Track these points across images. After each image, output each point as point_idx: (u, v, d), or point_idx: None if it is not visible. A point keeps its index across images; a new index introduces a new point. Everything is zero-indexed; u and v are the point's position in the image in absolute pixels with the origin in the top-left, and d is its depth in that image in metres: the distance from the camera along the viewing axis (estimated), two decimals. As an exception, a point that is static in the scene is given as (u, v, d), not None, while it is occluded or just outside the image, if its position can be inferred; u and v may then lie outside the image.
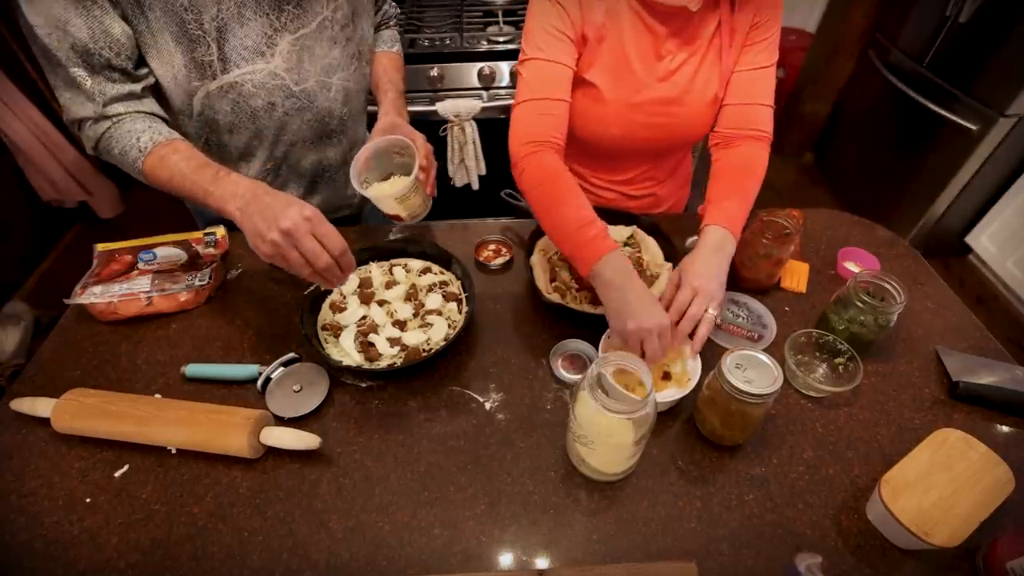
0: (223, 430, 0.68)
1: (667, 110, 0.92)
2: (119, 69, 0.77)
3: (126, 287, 0.87)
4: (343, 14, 0.90)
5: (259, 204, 0.68)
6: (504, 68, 1.85)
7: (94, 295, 0.85)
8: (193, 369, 0.79)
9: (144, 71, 0.81)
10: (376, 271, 0.92)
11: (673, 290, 0.74)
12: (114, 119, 0.78)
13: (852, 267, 0.97)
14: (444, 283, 0.90)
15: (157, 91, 0.86)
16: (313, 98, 0.92)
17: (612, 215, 1.00)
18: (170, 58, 0.79)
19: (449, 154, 1.90)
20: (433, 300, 0.86)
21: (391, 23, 1.13)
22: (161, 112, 0.83)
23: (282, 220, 0.65)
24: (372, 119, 1.07)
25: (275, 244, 0.65)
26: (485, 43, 1.84)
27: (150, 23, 0.75)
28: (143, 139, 0.77)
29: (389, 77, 1.04)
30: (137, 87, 0.80)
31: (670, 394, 0.71)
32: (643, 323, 0.68)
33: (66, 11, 0.70)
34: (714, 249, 0.77)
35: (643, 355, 0.70)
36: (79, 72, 0.74)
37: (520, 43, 0.90)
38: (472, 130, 1.86)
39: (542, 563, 0.61)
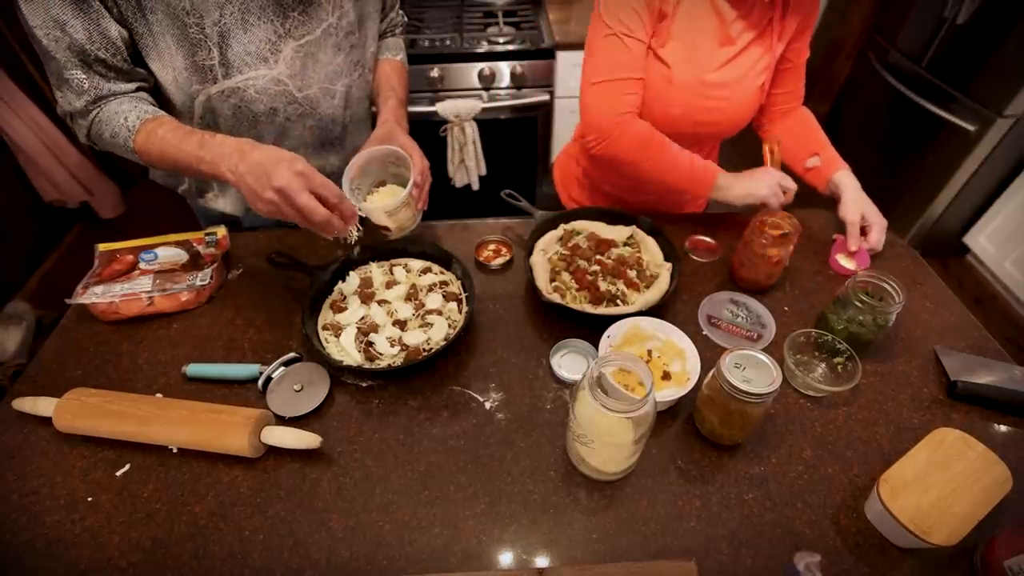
0: (224, 429, 0.68)
1: (725, 94, 0.96)
2: (114, 68, 0.78)
3: (127, 287, 0.87)
4: (348, 21, 0.90)
5: (248, 162, 0.68)
6: (504, 68, 1.86)
7: (95, 295, 0.85)
8: (194, 369, 0.79)
9: (140, 72, 0.81)
10: (376, 271, 0.92)
11: (858, 224, 0.97)
12: (101, 104, 0.79)
13: (843, 261, 0.97)
14: (444, 283, 0.90)
15: (158, 92, 0.86)
16: (316, 105, 0.92)
17: (612, 215, 1.00)
18: (171, 60, 0.79)
19: (449, 154, 1.91)
20: (433, 300, 0.86)
21: (396, 31, 1.12)
22: (149, 98, 0.83)
23: (274, 178, 0.66)
24: (374, 123, 1.07)
25: (271, 202, 0.67)
26: (485, 44, 1.85)
27: (151, 25, 0.76)
28: (130, 118, 0.78)
29: (391, 84, 1.03)
30: (131, 86, 0.80)
31: (669, 393, 0.71)
32: (767, 185, 0.94)
33: (63, 12, 0.70)
34: (860, 187, 1.01)
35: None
36: (75, 73, 0.75)
37: (593, 17, 0.94)
38: (472, 130, 1.86)
39: (542, 562, 0.62)
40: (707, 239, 1.03)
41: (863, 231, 0.98)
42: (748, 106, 1.00)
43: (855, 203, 0.98)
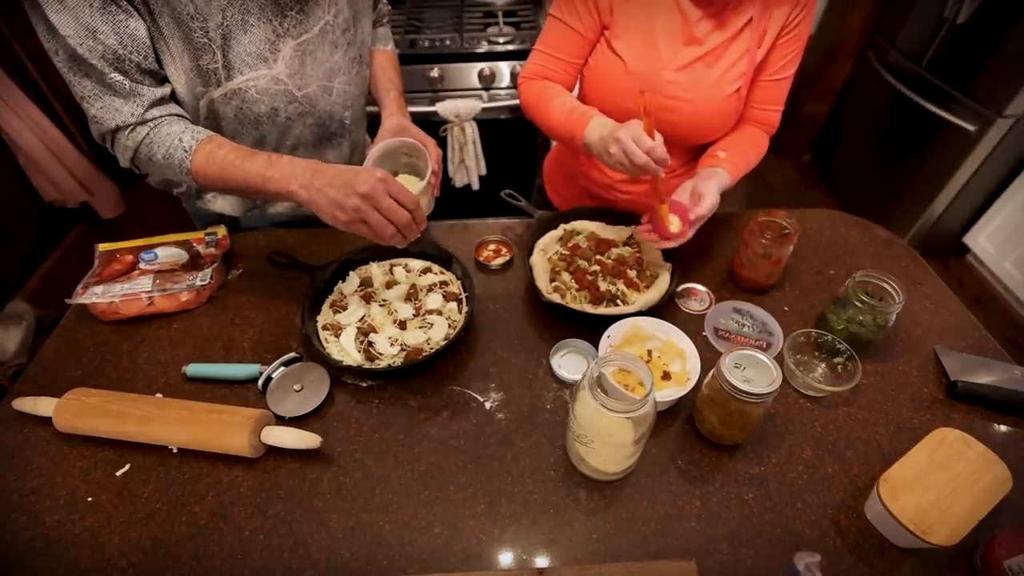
0: (224, 429, 0.68)
1: (684, 95, 0.92)
2: (149, 72, 0.77)
3: (127, 287, 0.87)
4: (344, 18, 0.90)
5: (325, 177, 0.71)
6: (504, 69, 1.86)
7: (95, 295, 0.85)
8: (194, 369, 0.79)
9: (165, 74, 0.80)
10: (376, 271, 0.92)
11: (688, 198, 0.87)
12: (151, 124, 0.78)
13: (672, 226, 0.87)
14: (444, 283, 0.90)
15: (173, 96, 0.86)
16: (315, 102, 0.93)
17: (612, 215, 1.00)
18: (180, 62, 0.79)
19: (449, 154, 1.91)
20: (433, 300, 0.86)
21: (384, 20, 1.13)
22: (185, 113, 0.83)
23: (359, 185, 0.69)
24: (371, 120, 1.07)
25: (357, 209, 0.69)
26: (485, 44, 1.85)
27: (161, 29, 0.75)
28: (185, 139, 0.77)
29: (389, 76, 1.04)
30: (167, 90, 0.80)
31: (669, 393, 0.71)
32: (617, 133, 0.79)
33: (92, 19, 0.69)
34: (719, 188, 0.88)
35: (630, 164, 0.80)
36: (116, 77, 0.73)
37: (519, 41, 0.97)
38: (472, 130, 1.86)
39: (542, 562, 0.62)
40: (698, 287, 0.94)
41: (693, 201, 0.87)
42: (717, 112, 0.93)
43: (701, 183, 0.87)
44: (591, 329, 0.82)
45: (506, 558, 0.62)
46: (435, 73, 1.82)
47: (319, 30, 0.87)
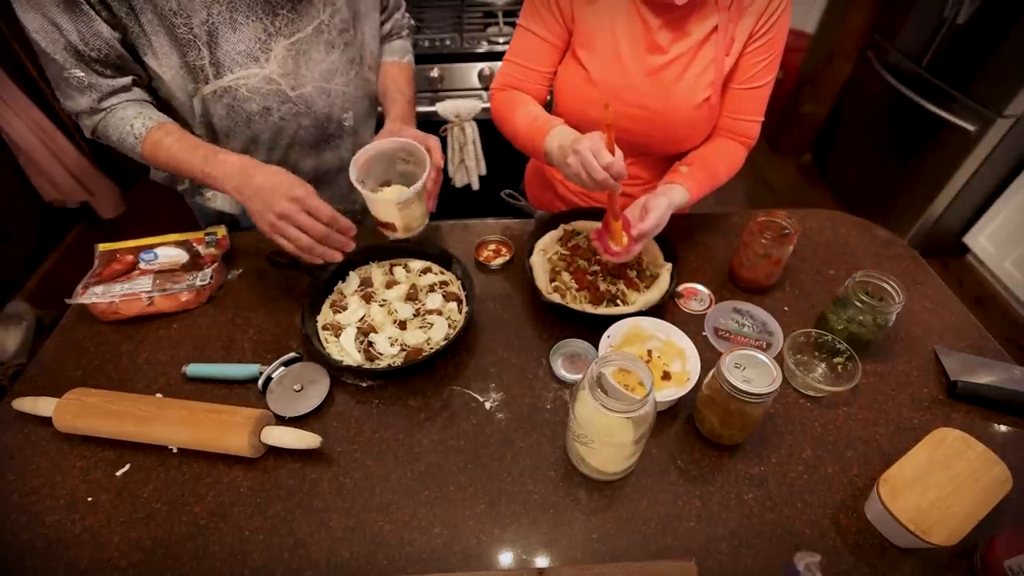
0: (224, 429, 0.68)
1: (650, 104, 0.90)
2: (111, 65, 0.79)
3: (127, 287, 0.87)
4: (341, 18, 0.90)
5: (252, 186, 0.75)
6: (504, 69, 1.86)
7: (95, 295, 0.85)
8: (194, 369, 0.79)
9: (136, 66, 0.82)
10: (376, 271, 0.92)
11: (638, 213, 0.84)
12: (107, 110, 0.81)
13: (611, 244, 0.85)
14: (444, 283, 0.90)
15: (158, 92, 0.87)
16: (311, 103, 0.92)
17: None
18: (167, 60, 0.80)
19: (449, 154, 1.91)
20: (433, 300, 0.86)
21: (403, 33, 1.12)
22: (149, 98, 0.86)
23: (275, 205, 0.73)
24: (379, 122, 1.07)
25: (273, 225, 0.74)
26: (485, 44, 1.85)
27: (143, 26, 0.76)
28: (136, 125, 0.81)
29: (399, 87, 1.03)
30: (127, 80, 0.82)
31: (669, 393, 0.71)
32: (577, 145, 0.75)
33: (56, 16, 0.72)
34: (674, 206, 0.86)
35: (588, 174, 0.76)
36: (74, 72, 0.77)
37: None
38: (472, 130, 1.86)
39: (542, 562, 0.62)
40: (698, 287, 0.94)
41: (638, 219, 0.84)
42: (686, 122, 0.91)
43: (652, 198, 0.84)
44: (591, 329, 0.82)
45: (506, 558, 0.62)
46: (435, 73, 1.82)
47: (313, 30, 0.87)
